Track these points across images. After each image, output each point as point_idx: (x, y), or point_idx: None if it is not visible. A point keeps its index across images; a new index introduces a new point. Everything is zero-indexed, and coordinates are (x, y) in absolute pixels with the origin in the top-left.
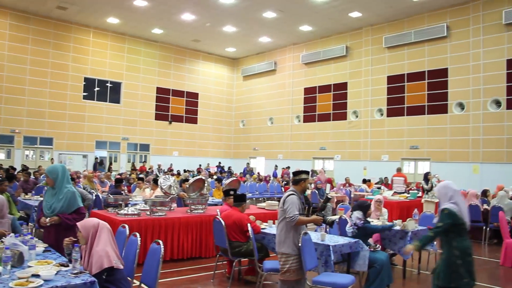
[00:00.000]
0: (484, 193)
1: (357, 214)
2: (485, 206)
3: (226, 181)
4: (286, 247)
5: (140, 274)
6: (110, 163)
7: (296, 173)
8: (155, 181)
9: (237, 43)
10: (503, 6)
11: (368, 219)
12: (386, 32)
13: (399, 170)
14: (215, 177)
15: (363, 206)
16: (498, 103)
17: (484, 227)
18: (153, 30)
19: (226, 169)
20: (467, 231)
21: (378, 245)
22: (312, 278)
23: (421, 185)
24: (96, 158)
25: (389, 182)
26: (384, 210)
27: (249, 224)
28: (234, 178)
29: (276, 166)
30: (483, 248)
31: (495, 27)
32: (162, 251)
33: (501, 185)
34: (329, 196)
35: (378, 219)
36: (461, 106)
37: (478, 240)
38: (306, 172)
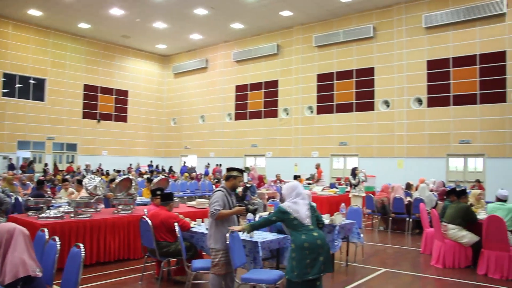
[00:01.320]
0: (408, 186)
1: None
2: (409, 199)
3: (154, 180)
4: (215, 242)
5: (60, 281)
6: (46, 164)
7: (229, 169)
8: (79, 181)
9: (168, 40)
10: (423, 11)
11: None
12: (316, 32)
13: (318, 166)
14: (145, 176)
15: None
16: (420, 101)
17: (407, 218)
18: (80, 24)
19: (160, 168)
20: (307, 228)
21: None
22: (241, 275)
23: (349, 180)
24: (25, 159)
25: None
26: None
27: (176, 223)
28: (163, 177)
29: (208, 164)
30: (406, 238)
31: (416, 30)
32: (83, 254)
33: (423, 178)
34: (247, 185)
35: None
36: (387, 103)
37: (402, 231)
38: (240, 170)
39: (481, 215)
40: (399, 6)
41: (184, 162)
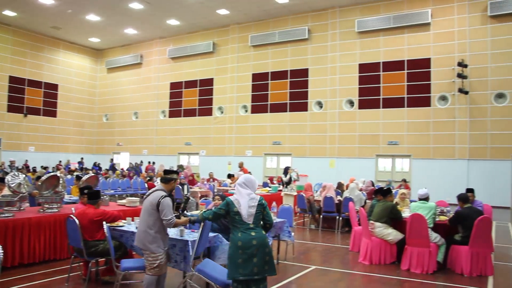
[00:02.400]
0: (339, 185)
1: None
2: (339, 198)
3: (83, 178)
4: (156, 247)
5: None
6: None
7: (167, 172)
8: (1, 179)
9: (102, 33)
10: (356, 16)
11: None
12: (252, 31)
13: (241, 165)
14: (76, 173)
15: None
16: (351, 103)
17: (337, 217)
18: (4, 11)
19: (94, 165)
20: (246, 226)
21: None
22: (197, 266)
23: (281, 179)
24: None
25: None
26: None
27: (104, 222)
28: (92, 174)
29: (141, 161)
30: (336, 236)
31: (349, 34)
32: (1, 256)
33: (353, 178)
34: (188, 196)
35: None
36: (320, 104)
37: (332, 229)
38: (177, 172)
39: (406, 213)
40: (333, 10)
41: (112, 160)
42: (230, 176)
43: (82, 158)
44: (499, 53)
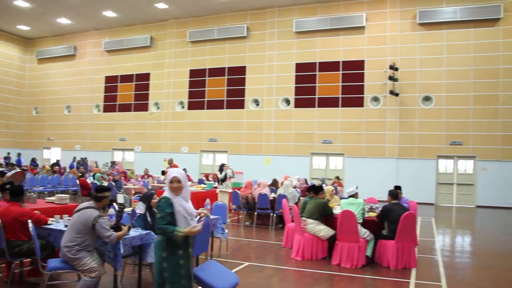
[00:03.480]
0: (273, 182)
1: (141, 205)
2: (273, 195)
3: (8, 174)
4: (82, 256)
5: None
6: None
7: (99, 190)
8: None
9: (32, 21)
10: (294, 16)
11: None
12: (191, 27)
13: (170, 162)
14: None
15: (145, 197)
16: (287, 102)
17: (271, 214)
18: None
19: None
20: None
21: None
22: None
23: (216, 176)
24: None
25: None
26: None
27: (30, 221)
28: (18, 170)
29: (74, 157)
30: (270, 233)
31: (287, 34)
32: None
33: (288, 175)
34: (124, 205)
35: None
36: (256, 102)
37: (266, 226)
38: (109, 189)
39: (337, 210)
40: (272, 9)
41: (19, 154)
42: (164, 172)
43: (8, 153)
44: (427, 59)
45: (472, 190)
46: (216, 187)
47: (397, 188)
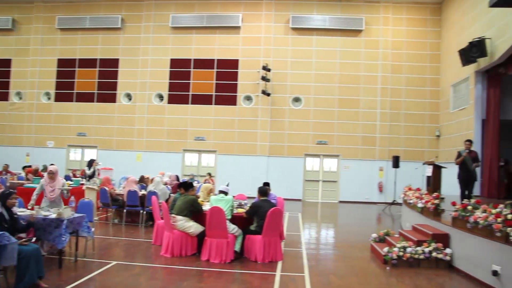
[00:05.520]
0: (142, 179)
1: None
2: (143, 192)
3: None
4: None
5: None
6: None
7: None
8: None
9: None
10: (171, 11)
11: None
12: (60, 13)
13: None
14: None
15: (1, 196)
16: (161, 97)
17: (141, 211)
18: None
19: None
20: None
21: (32, 237)
22: None
23: (84, 173)
24: None
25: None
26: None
27: None
28: None
29: None
30: (139, 230)
31: (163, 28)
32: None
33: (163, 172)
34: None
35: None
36: (129, 97)
37: (136, 223)
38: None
39: (206, 206)
40: (149, 2)
41: None
42: (25, 167)
43: None
44: (297, 62)
45: (336, 187)
46: (83, 184)
47: (266, 184)
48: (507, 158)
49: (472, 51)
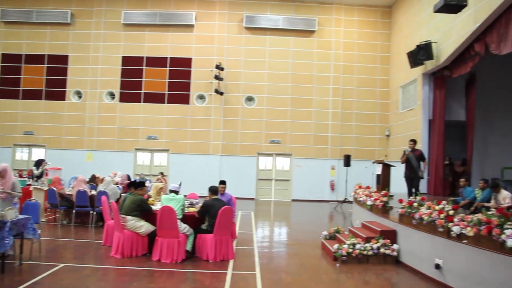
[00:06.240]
0: (92, 179)
1: None
2: (94, 192)
3: None
4: None
5: None
6: None
7: None
8: None
9: None
10: (123, 7)
11: None
12: (4, 5)
13: None
14: None
15: None
16: (112, 95)
17: (91, 211)
18: None
19: None
20: None
21: None
22: None
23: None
24: None
25: None
26: None
27: None
28: None
29: None
30: (89, 231)
31: (114, 25)
32: None
33: (115, 172)
34: None
35: None
36: (79, 94)
37: (86, 224)
38: None
39: (158, 206)
40: None
41: None
42: None
43: None
44: (251, 61)
45: (288, 186)
46: (30, 184)
47: (222, 182)
48: (452, 157)
49: (420, 54)
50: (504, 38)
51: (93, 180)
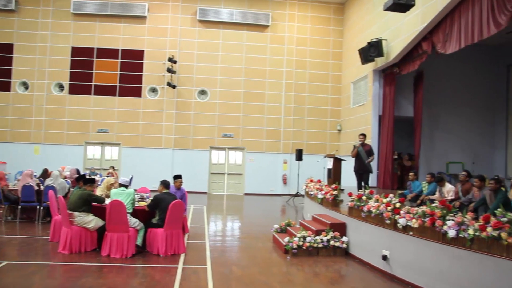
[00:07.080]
0: (43, 173)
1: None
2: (41, 186)
3: None
4: None
5: None
6: None
7: None
8: None
9: None
10: None
11: None
12: None
13: None
14: None
15: None
16: (61, 87)
17: (38, 207)
18: None
19: None
20: None
21: None
22: None
23: None
24: None
25: None
26: None
27: None
28: None
29: None
30: (36, 227)
31: (63, 14)
32: None
33: (64, 167)
34: None
35: None
36: (25, 85)
37: (32, 220)
38: None
39: (107, 201)
40: None
41: None
42: None
43: None
44: (204, 54)
45: (241, 179)
46: None
47: (178, 176)
48: (400, 152)
49: (371, 51)
50: (449, 38)
51: (45, 175)
